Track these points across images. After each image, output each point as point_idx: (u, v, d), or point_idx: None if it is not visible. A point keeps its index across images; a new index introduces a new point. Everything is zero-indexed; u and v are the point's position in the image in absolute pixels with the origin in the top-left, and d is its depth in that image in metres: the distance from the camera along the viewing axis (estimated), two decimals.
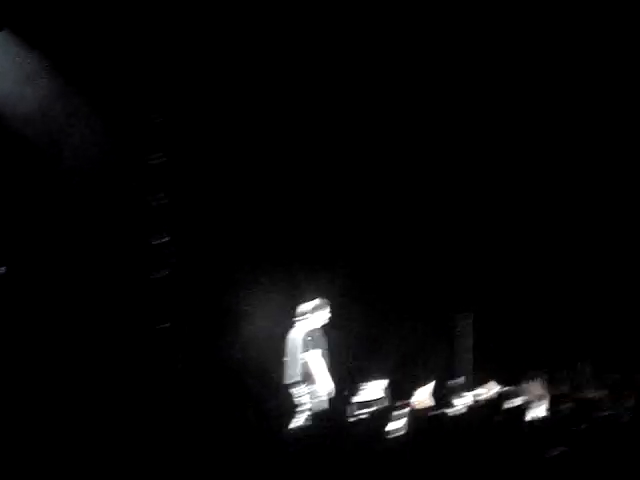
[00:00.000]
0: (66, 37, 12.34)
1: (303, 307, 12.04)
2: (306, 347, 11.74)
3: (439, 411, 10.01)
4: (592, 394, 11.37)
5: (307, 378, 11.76)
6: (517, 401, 10.48)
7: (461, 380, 12.95)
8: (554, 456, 7.82)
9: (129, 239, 12.86)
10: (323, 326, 11.96)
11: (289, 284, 13.51)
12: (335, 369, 11.97)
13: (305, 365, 11.76)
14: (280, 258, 13.83)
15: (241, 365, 13.03)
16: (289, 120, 13.79)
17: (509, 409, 10.08)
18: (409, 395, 11.21)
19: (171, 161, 13.17)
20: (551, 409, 10.71)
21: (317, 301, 12.05)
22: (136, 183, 13.03)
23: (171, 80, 13.20)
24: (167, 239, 12.91)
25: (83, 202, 12.67)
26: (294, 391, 11.85)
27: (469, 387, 12.54)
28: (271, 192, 13.81)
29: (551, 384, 12.37)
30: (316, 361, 11.70)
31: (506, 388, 10.97)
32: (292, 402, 11.66)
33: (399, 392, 12.11)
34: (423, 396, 11.93)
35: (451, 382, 12.93)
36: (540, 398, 11.64)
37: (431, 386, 12.11)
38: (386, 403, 11.91)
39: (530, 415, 9.76)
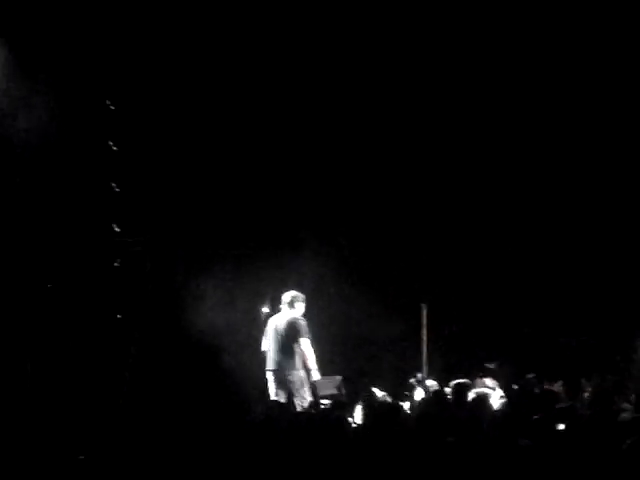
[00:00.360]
0: (21, 19, 12.20)
1: (282, 297, 12.09)
2: (298, 335, 11.76)
3: (398, 403, 10.02)
4: (550, 386, 11.42)
5: (294, 366, 11.78)
6: (472, 393, 10.49)
7: (418, 373, 12.97)
8: (514, 448, 7.81)
9: (85, 227, 12.72)
10: (303, 315, 12.02)
11: (265, 274, 13.51)
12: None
13: (295, 353, 11.80)
14: (254, 247, 13.81)
15: (218, 354, 13.00)
16: (243, 106, 13.70)
17: (466, 401, 10.11)
18: (367, 387, 11.21)
19: (127, 147, 13.03)
20: (508, 401, 10.74)
21: (294, 292, 12.12)
22: (90, 170, 12.89)
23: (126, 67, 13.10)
24: (129, 227, 12.81)
25: (35, 189, 12.52)
26: (274, 378, 11.88)
27: (425, 379, 12.57)
28: (244, 180, 13.76)
29: (506, 376, 12.44)
30: (308, 349, 11.75)
31: (462, 380, 10.99)
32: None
33: (358, 384, 12.13)
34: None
35: (410, 374, 12.97)
36: (495, 390, 11.70)
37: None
38: (345, 395, 11.92)
39: (487, 406, 9.77)
